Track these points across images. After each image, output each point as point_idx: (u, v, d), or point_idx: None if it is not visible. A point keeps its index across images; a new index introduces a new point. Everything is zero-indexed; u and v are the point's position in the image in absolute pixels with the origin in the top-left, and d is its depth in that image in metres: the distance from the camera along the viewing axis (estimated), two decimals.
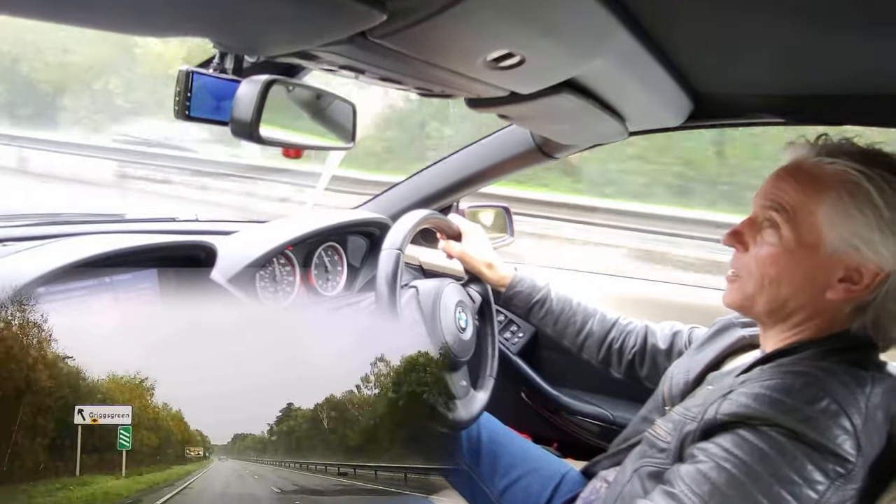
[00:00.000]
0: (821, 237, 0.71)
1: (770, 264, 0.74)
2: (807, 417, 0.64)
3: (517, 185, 3.85)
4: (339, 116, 0.89)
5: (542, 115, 0.94)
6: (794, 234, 0.73)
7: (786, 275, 0.74)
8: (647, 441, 0.83)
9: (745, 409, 0.67)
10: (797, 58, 0.75)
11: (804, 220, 0.72)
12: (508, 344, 1.54)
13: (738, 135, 3.48)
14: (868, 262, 0.70)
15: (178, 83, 0.75)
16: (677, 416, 0.78)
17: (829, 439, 0.63)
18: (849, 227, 0.69)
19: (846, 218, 0.69)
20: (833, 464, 0.63)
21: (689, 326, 1.10)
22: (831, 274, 0.71)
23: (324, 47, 0.57)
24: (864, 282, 0.70)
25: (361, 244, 1.42)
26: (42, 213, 1.15)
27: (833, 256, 0.71)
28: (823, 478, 0.62)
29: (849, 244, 0.70)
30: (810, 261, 0.72)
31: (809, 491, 0.62)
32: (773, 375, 0.70)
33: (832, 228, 0.70)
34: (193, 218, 1.34)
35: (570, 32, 0.61)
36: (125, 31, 0.55)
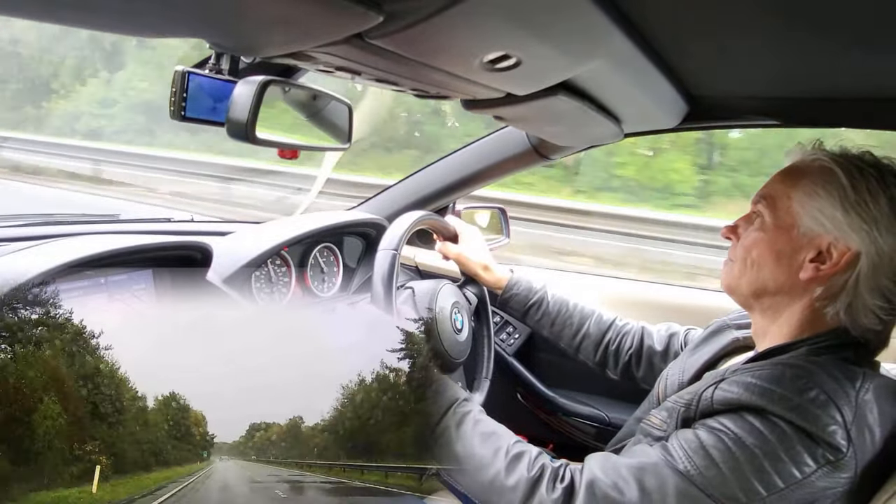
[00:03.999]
0: (794, 218, 0.76)
1: (753, 247, 0.80)
2: (796, 406, 0.66)
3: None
4: (335, 117, 0.89)
5: (538, 116, 0.94)
6: (773, 217, 0.78)
7: (763, 255, 0.79)
8: (641, 431, 0.84)
9: (738, 398, 0.69)
10: (792, 61, 0.76)
11: (782, 205, 0.78)
12: (504, 345, 1.54)
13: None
14: (836, 241, 0.73)
15: (174, 84, 0.74)
16: (670, 405, 0.80)
17: (819, 428, 0.65)
18: (816, 205, 0.74)
19: (815, 198, 0.74)
20: (823, 449, 0.65)
21: (685, 328, 1.11)
22: (803, 253, 0.76)
23: (320, 48, 0.57)
24: (833, 260, 0.73)
25: (357, 245, 1.42)
26: (36, 214, 1.15)
27: (805, 236, 0.75)
28: (811, 461, 0.65)
29: (816, 222, 0.74)
30: (784, 241, 0.77)
31: (794, 469, 0.65)
32: (764, 367, 0.72)
33: (803, 208, 0.75)
34: (188, 218, 1.34)
35: (566, 34, 0.61)
36: (121, 31, 0.55)
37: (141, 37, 0.60)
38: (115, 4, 0.46)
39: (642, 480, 0.69)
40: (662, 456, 0.70)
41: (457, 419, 0.79)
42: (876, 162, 0.75)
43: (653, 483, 0.69)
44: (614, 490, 0.69)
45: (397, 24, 0.51)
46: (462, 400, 0.82)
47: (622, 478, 0.70)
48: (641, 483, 0.69)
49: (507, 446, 0.77)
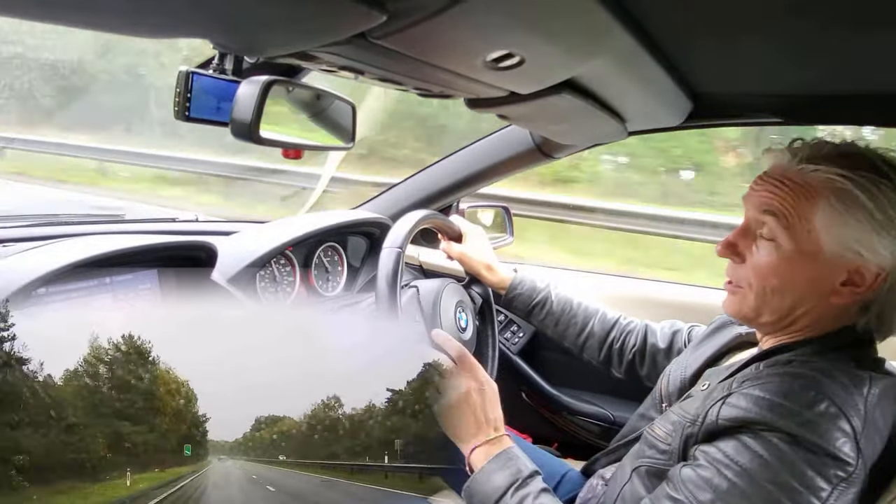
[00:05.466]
0: (819, 244, 0.71)
1: (771, 275, 0.74)
2: (806, 421, 0.64)
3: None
4: (338, 117, 0.89)
5: (542, 115, 0.94)
6: (793, 242, 0.72)
7: (788, 284, 0.73)
8: (645, 441, 0.83)
9: (746, 414, 0.67)
10: (796, 58, 0.76)
11: (801, 228, 0.72)
12: (509, 344, 1.54)
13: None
14: (868, 263, 0.70)
15: (178, 84, 0.75)
16: (676, 417, 0.78)
17: (828, 442, 0.63)
18: (845, 232, 0.69)
19: (841, 224, 0.69)
20: (833, 468, 0.63)
21: (688, 325, 1.11)
22: (834, 278, 0.71)
23: (323, 48, 0.57)
24: (867, 283, 0.70)
25: (361, 244, 1.42)
26: (42, 214, 1.15)
27: (833, 261, 0.71)
28: (825, 483, 0.62)
29: (847, 248, 0.70)
30: (811, 268, 0.72)
31: (813, 498, 0.62)
32: (772, 377, 0.70)
33: (829, 235, 0.70)
34: (193, 218, 1.34)
35: (569, 33, 0.61)
36: (124, 32, 0.55)
37: (144, 37, 0.60)
38: (119, 5, 0.46)
39: None
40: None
41: (515, 501, 0.75)
42: (875, 166, 0.71)
43: None
44: None
45: (400, 24, 0.51)
46: (524, 478, 0.77)
47: None
48: None
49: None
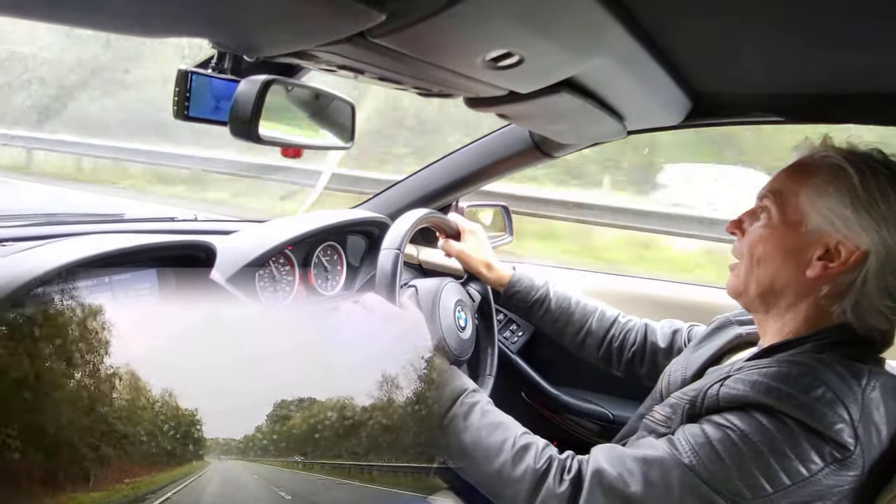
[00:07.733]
0: (803, 215, 0.75)
1: (758, 243, 0.79)
2: (803, 404, 0.66)
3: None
4: (338, 116, 0.89)
5: (541, 114, 0.94)
6: (780, 213, 0.77)
7: (770, 252, 0.78)
8: (645, 427, 0.83)
9: (744, 395, 0.69)
10: (796, 56, 0.76)
11: (790, 201, 0.77)
12: (508, 343, 1.54)
13: None
14: (845, 239, 0.72)
15: (177, 83, 0.75)
16: (674, 400, 0.79)
17: (826, 426, 0.65)
18: (825, 203, 0.73)
19: (824, 195, 0.73)
20: (831, 448, 0.65)
21: (688, 324, 1.11)
22: (811, 251, 0.75)
23: (322, 47, 0.57)
24: (842, 258, 0.73)
25: (361, 243, 1.42)
26: (40, 213, 1.15)
27: (813, 234, 0.74)
28: (819, 459, 0.65)
29: (825, 220, 0.73)
30: (792, 237, 0.76)
31: (801, 467, 0.64)
32: (770, 364, 0.72)
33: (812, 206, 0.74)
34: (192, 218, 1.34)
35: (568, 32, 0.61)
36: (123, 31, 0.55)
37: (144, 37, 0.60)
38: (118, 5, 0.46)
39: (647, 473, 0.69)
40: (668, 449, 0.70)
41: (464, 409, 0.79)
42: (886, 160, 0.74)
43: (658, 475, 0.69)
44: (620, 481, 0.70)
45: (400, 23, 0.51)
46: (470, 391, 0.82)
47: (628, 469, 0.70)
48: (647, 475, 0.69)
49: (514, 437, 0.77)
